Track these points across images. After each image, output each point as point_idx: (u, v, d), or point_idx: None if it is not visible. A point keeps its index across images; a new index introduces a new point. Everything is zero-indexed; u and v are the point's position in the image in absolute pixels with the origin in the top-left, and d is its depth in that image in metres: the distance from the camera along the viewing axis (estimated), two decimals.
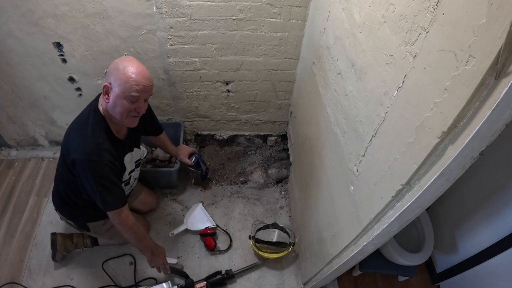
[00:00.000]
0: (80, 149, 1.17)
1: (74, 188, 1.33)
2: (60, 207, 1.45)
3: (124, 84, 1.12)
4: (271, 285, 1.71)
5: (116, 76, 1.12)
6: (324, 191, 1.31)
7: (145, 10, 1.47)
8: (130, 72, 1.12)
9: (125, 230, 1.31)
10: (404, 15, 0.71)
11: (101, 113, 1.23)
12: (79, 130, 1.21)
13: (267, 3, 1.48)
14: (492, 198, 1.43)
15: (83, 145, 1.17)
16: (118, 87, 1.13)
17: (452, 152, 0.58)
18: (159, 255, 1.47)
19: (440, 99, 0.59)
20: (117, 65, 1.13)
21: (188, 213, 1.91)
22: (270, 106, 2.02)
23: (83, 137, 1.19)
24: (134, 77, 1.12)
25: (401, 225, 0.84)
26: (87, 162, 1.16)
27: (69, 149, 1.19)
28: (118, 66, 1.13)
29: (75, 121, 1.27)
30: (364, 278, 1.80)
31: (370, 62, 0.88)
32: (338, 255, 1.16)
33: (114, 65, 1.14)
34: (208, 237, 1.79)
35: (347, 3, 1.04)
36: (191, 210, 1.92)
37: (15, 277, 1.64)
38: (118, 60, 1.16)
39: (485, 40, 0.48)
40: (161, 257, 1.47)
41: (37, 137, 2.13)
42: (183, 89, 1.85)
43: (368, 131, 0.89)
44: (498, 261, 1.40)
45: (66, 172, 1.27)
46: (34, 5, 1.42)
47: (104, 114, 1.23)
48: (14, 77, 1.74)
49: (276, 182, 2.14)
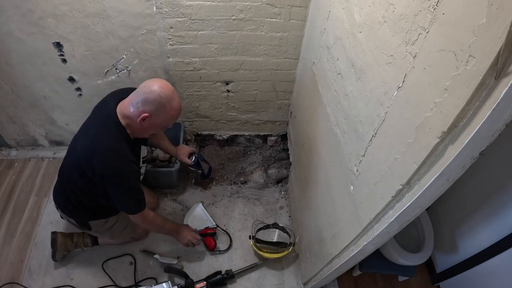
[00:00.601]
0: (108, 163, 1.19)
1: (86, 192, 1.33)
2: (62, 205, 1.44)
3: (167, 120, 1.23)
4: (271, 285, 1.71)
5: (159, 111, 1.18)
6: (324, 191, 1.31)
7: (145, 10, 1.47)
8: (174, 110, 1.21)
9: (148, 226, 1.46)
10: (404, 15, 0.71)
11: (122, 124, 1.23)
12: (103, 142, 1.20)
13: (267, 3, 1.48)
14: (492, 198, 1.43)
15: (111, 159, 1.19)
16: (159, 119, 1.21)
17: (452, 152, 0.58)
18: (184, 231, 1.61)
19: (440, 99, 0.59)
20: (161, 100, 1.16)
21: (188, 213, 1.91)
22: (270, 106, 2.02)
23: (109, 150, 1.19)
24: (176, 114, 1.24)
25: (401, 225, 0.84)
26: (118, 176, 1.21)
27: (93, 161, 1.18)
28: (162, 101, 1.16)
29: (93, 129, 1.25)
30: (364, 278, 1.80)
31: (370, 62, 0.88)
32: (338, 255, 1.16)
33: (157, 98, 1.16)
34: (208, 237, 1.79)
35: (347, 3, 1.04)
36: (191, 210, 1.93)
37: (15, 277, 1.64)
38: (159, 91, 1.16)
39: (485, 40, 0.48)
40: (187, 232, 1.61)
41: (37, 137, 2.13)
42: (183, 89, 1.85)
43: (368, 131, 0.89)
44: (498, 261, 1.40)
45: (83, 179, 1.25)
46: (34, 5, 1.42)
47: (124, 125, 1.23)
48: (14, 77, 1.74)
49: (276, 182, 2.14)
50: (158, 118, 1.20)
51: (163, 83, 1.18)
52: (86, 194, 1.34)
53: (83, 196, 1.35)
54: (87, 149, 1.20)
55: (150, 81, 1.19)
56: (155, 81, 1.18)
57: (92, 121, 1.29)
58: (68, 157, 1.36)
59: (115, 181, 1.21)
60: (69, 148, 1.36)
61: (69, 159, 1.33)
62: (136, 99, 1.18)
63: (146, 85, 1.18)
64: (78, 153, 1.22)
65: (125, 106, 1.22)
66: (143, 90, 1.17)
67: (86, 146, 1.21)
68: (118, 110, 1.23)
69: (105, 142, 1.20)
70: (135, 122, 1.20)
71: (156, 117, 1.19)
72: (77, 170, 1.25)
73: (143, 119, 1.18)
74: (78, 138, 1.30)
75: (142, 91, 1.17)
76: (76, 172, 1.26)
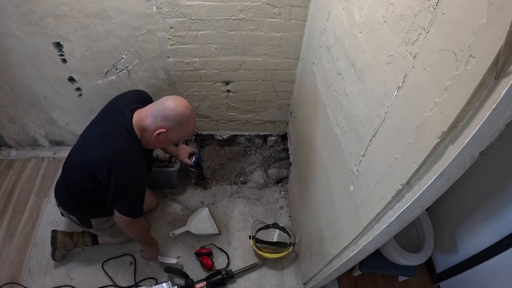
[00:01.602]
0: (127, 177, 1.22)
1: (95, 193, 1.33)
2: (65, 203, 1.44)
3: (181, 138, 1.30)
4: (271, 285, 1.71)
5: (176, 128, 1.23)
6: (324, 191, 1.31)
7: (145, 10, 1.47)
8: (190, 129, 1.27)
9: (130, 231, 1.44)
10: (404, 15, 0.71)
11: (137, 135, 1.25)
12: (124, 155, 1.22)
13: (267, 3, 1.48)
14: (492, 198, 1.43)
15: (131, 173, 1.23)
16: (174, 136, 1.26)
17: (452, 152, 0.58)
18: (154, 248, 1.64)
19: (440, 99, 0.59)
20: (181, 119, 1.21)
21: (193, 216, 1.88)
22: (270, 106, 2.02)
23: (130, 163, 1.23)
24: (190, 134, 1.32)
25: (401, 225, 0.84)
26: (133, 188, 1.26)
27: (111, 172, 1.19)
28: (182, 120, 1.21)
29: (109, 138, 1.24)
30: (364, 278, 1.80)
31: (370, 62, 0.88)
32: (338, 255, 1.16)
33: (178, 117, 1.20)
34: (204, 257, 1.74)
35: (347, 3, 1.04)
36: (197, 213, 1.89)
37: (15, 277, 1.64)
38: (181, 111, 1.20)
39: (485, 40, 0.48)
40: (155, 251, 1.65)
41: (37, 137, 2.13)
42: (183, 89, 1.85)
43: (368, 131, 0.89)
44: (498, 261, 1.40)
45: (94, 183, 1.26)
46: (34, 5, 1.42)
47: (139, 136, 1.26)
48: (14, 77, 1.74)
49: (276, 182, 2.14)
50: (174, 134, 1.25)
51: (185, 102, 1.24)
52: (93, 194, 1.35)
53: (90, 196, 1.35)
54: (106, 160, 1.20)
55: (173, 98, 1.23)
56: (178, 100, 1.23)
57: (107, 128, 1.27)
58: (78, 158, 1.33)
59: (129, 191, 1.26)
60: (78, 149, 1.34)
61: (79, 161, 1.30)
62: (156, 113, 1.22)
63: (169, 102, 1.21)
64: (93, 160, 1.21)
65: (143, 117, 1.24)
66: (164, 106, 1.21)
67: (105, 156, 1.20)
68: (134, 120, 1.25)
69: (125, 155, 1.22)
70: (150, 135, 1.24)
71: (172, 134, 1.24)
72: (88, 174, 1.25)
73: (159, 133, 1.22)
74: (90, 142, 1.28)
75: (164, 107, 1.21)
76: (88, 176, 1.26)
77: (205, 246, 1.80)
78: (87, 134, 1.33)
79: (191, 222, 1.85)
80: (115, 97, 1.41)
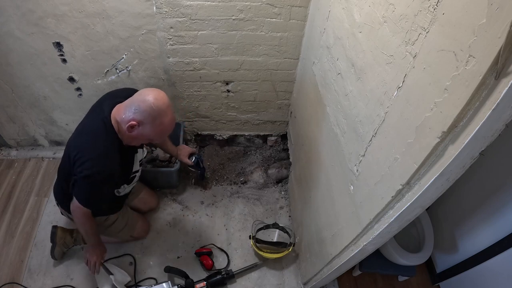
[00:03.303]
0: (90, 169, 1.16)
1: None
2: (62, 201, 1.46)
3: (156, 134, 1.18)
4: (271, 285, 1.71)
5: (148, 122, 1.14)
6: (324, 191, 1.31)
7: (145, 10, 1.47)
8: (163, 125, 1.16)
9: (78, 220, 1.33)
10: (404, 15, 0.71)
11: (115, 129, 1.20)
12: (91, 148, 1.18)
13: (267, 3, 1.48)
14: (492, 198, 1.43)
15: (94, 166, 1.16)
16: (147, 131, 1.16)
17: (452, 152, 0.58)
18: (96, 251, 1.47)
19: (440, 99, 0.59)
20: (151, 112, 1.11)
21: None
22: (270, 106, 2.02)
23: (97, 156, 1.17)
24: (166, 131, 1.19)
25: (401, 225, 0.84)
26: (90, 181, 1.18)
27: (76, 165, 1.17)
28: (152, 113, 1.11)
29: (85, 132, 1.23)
30: (364, 278, 1.80)
31: (370, 62, 0.88)
32: (338, 255, 1.16)
33: (148, 109, 1.11)
34: (204, 256, 1.73)
35: (347, 3, 1.04)
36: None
37: (15, 277, 1.64)
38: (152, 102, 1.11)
39: (485, 40, 0.48)
40: (96, 255, 1.46)
41: (37, 137, 2.13)
42: (183, 89, 1.85)
43: (368, 131, 0.89)
44: (498, 261, 1.40)
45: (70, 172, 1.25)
46: (34, 5, 1.42)
47: (117, 130, 1.21)
48: (14, 77, 1.74)
49: (276, 182, 2.14)
50: (146, 129, 1.15)
51: (160, 95, 1.13)
52: None
53: None
54: (79, 150, 1.18)
55: (148, 89, 1.15)
56: (151, 91, 1.14)
57: (87, 121, 1.28)
58: (64, 156, 1.35)
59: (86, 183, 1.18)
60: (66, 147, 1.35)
61: (64, 158, 1.33)
62: (130, 105, 1.14)
63: (142, 93, 1.14)
64: (70, 151, 1.21)
65: (119, 110, 1.19)
66: (138, 97, 1.14)
67: (79, 147, 1.19)
68: (112, 114, 1.20)
69: (94, 148, 1.17)
70: (123, 127, 1.17)
71: (144, 128, 1.15)
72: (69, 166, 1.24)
73: (131, 126, 1.14)
74: (72, 138, 1.29)
75: (137, 98, 1.14)
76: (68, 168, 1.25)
77: (205, 246, 1.81)
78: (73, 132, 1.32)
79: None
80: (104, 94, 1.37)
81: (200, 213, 1.95)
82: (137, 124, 1.14)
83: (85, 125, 1.27)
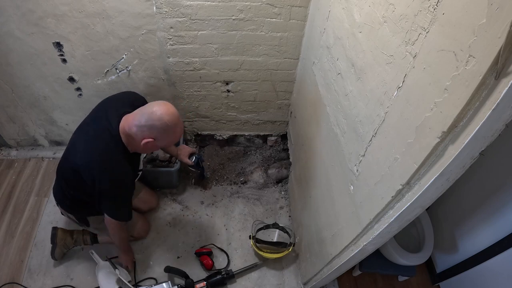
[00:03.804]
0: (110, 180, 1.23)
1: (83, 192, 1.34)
2: (61, 201, 1.47)
3: (169, 143, 1.28)
4: (271, 285, 1.71)
5: (164, 137, 1.22)
6: (324, 191, 1.31)
7: (145, 10, 1.47)
8: (177, 134, 1.25)
9: (116, 233, 1.47)
10: (404, 15, 0.71)
11: (123, 140, 1.25)
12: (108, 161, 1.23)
13: (267, 3, 1.48)
14: (492, 198, 1.43)
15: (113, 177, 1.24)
16: (162, 143, 1.24)
17: (452, 152, 0.58)
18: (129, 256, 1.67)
19: (440, 99, 0.59)
20: (167, 128, 1.18)
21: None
22: (270, 106, 2.02)
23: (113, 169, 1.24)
24: (178, 138, 1.29)
25: (401, 225, 0.84)
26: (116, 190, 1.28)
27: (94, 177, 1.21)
28: (168, 129, 1.19)
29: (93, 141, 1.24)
30: (364, 278, 1.80)
31: (370, 62, 0.88)
32: (338, 255, 1.16)
33: (164, 127, 1.18)
34: (204, 256, 1.74)
35: (347, 3, 1.04)
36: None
37: (15, 277, 1.64)
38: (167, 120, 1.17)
39: (485, 40, 0.48)
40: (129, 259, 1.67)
41: (37, 137, 2.13)
42: (183, 89, 1.85)
43: (368, 131, 0.89)
44: (498, 261, 1.40)
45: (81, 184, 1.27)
46: (34, 5, 1.42)
47: (125, 141, 1.25)
48: (14, 77, 1.74)
49: (276, 182, 2.14)
50: (161, 142, 1.24)
51: (171, 110, 1.19)
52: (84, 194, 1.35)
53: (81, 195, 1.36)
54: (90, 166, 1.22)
55: (159, 106, 1.18)
56: (163, 108, 1.18)
57: (93, 130, 1.28)
58: (67, 158, 1.35)
59: (112, 195, 1.28)
60: (68, 149, 1.36)
61: (68, 161, 1.32)
62: (142, 122, 1.18)
63: (154, 111, 1.17)
64: (79, 165, 1.23)
65: (129, 125, 1.22)
66: (150, 115, 1.17)
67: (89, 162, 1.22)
68: (121, 126, 1.24)
69: (108, 161, 1.23)
70: (137, 143, 1.23)
71: (160, 141, 1.23)
72: (76, 177, 1.25)
73: (147, 142, 1.21)
74: (78, 143, 1.29)
75: (150, 116, 1.17)
76: (75, 177, 1.26)
77: (205, 246, 1.80)
78: (76, 136, 1.33)
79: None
80: (106, 98, 1.39)
81: (200, 213, 1.96)
82: (153, 140, 1.21)
83: (93, 137, 1.26)
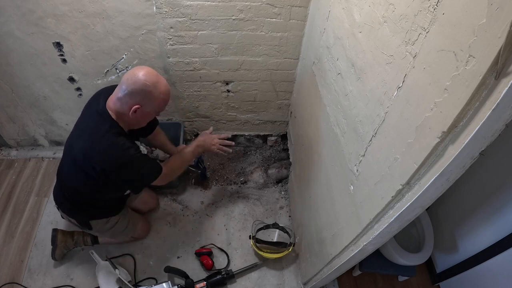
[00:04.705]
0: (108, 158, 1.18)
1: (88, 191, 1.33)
2: (62, 205, 1.45)
3: (159, 105, 1.20)
4: (271, 285, 1.71)
5: (149, 99, 1.16)
6: (324, 191, 1.31)
7: (145, 10, 1.47)
8: (163, 93, 1.18)
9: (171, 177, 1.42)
10: (404, 15, 0.71)
11: (113, 118, 1.21)
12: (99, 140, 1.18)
13: (267, 3, 1.48)
14: (492, 198, 1.43)
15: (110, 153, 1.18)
16: (150, 107, 1.18)
17: (452, 152, 0.58)
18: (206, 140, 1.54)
19: (440, 99, 0.59)
20: (147, 88, 1.13)
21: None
22: (270, 106, 2.02)
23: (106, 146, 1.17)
24: (167, 97, 1.20)
25: (401, 225, 0.84)
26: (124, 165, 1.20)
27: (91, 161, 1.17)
28: (148, 89, 1.13)
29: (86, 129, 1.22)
30: (364, 278, 1.80)
31: (370, 62, 0.88)
32: (338, 255, 1.16)
33: (143, 87, 1.13)
34: (204, 256, 1.74)
35: (347, 3, 1.04)
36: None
37: (15, 277, 1.64)
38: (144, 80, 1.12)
39: (485, 40, 0.48)
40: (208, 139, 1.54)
41: (37, 137, 2.13)
42: (183, 89, 1.85)
43: (368, 131, 0.89)
44: (498, 261, 1.40)
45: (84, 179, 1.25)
46: (34, 5, 1.42)
47: (116, 119, 1.21)
48: (14, 77, 1.74)
49: (276, 182, 2.14)
50: (149, 106, 1.18)
51: (145, 69, 1.14)
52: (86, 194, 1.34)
53: (83, 196, 1.35)
54: (84, 150, 1.19)
55: (132, 71, 1.15)
56: (137, 70, 1.14)
57: (84, 120, 1.27)
58: (65, 158, 1.35)
59: (123, 171, 1.21)
60: (65, 149, 1.35)
61: (66, 160, 1.32)
62: (122, 92, 1.15)
63: (129, 77, 1.14)
64: (75, 155, 1.21)
65: (113, 101, 1.19)
66: (127, 82, 1.14)
67: (83, 147, 1.19)
68: (108, 106, 1.21)
69: (100, 140, 1.18)
70: (127, 115, 1.18)
71: (147, 106, 1.17)
72: (76, 171, 1.24)
73: (135, 111, 1.16)
74: (72, 139, 1.28)
75: (126, 83, 1.14)
76: (76, 174, 1.25)
77: (205, 246, 1.80)
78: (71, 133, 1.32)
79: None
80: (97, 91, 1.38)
81: (200, 213, 1.96)
82: (140, 106, 1.16)
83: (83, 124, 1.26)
